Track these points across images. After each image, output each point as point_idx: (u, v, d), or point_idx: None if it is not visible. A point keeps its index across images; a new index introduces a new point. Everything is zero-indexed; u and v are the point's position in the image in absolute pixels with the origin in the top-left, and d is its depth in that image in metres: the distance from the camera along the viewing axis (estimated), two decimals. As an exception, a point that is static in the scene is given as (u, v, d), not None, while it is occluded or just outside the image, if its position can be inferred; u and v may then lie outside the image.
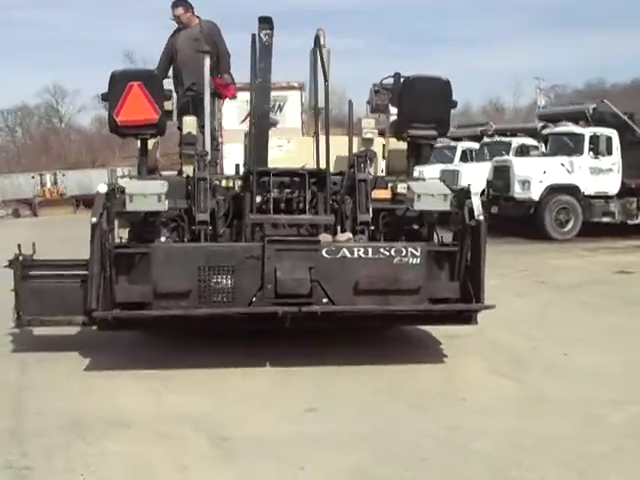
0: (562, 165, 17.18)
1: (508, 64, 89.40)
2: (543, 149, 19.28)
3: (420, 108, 7.09)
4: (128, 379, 6.16)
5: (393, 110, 7.66)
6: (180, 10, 8.11)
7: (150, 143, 7.50)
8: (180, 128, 7.61)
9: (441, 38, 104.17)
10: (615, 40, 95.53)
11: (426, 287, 6.56)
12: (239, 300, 6.34)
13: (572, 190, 17.04)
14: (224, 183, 7.03)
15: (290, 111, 20.96)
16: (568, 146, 17.61)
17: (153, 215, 6.55)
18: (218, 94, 7.90)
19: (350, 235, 6.69)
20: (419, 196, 6.60)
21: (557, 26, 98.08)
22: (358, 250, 6.47)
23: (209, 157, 6.97)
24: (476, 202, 6.54)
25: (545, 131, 18.98)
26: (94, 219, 6.15)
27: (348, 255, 6.45)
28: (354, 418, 5.36)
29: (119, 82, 6.81)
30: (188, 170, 7.26)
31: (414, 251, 6.53)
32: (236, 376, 6.28)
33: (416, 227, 7.10)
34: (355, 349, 6.96)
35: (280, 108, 20.87)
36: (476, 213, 6.50)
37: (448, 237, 7.02)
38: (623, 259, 13.30)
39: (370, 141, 7.45)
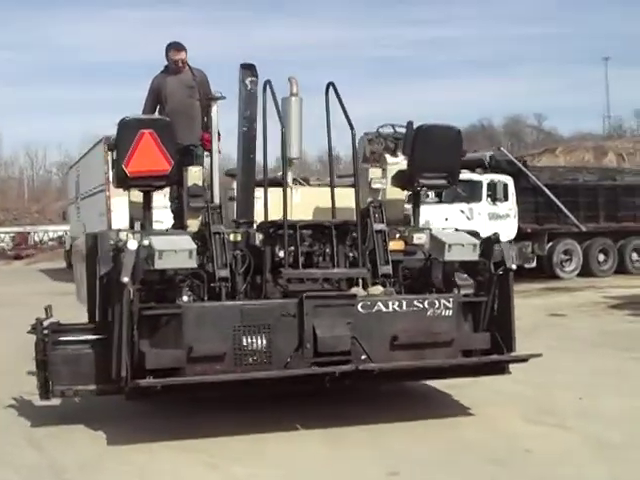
0: (462, 212, 17.59)
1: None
2: (432, 196, 19.61)
3: (433, 157, 6.98)
4: (172, 453, 5.60)
5: (391, 160, 7.53)
6: (184, 54, 7.65)
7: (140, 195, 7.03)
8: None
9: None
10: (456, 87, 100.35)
11: (458, 339, 6.40)
12: (276, 360, 5.95)
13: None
14: (232, 237, 6.64)
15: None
16: (465, 193, 17.94)
17: (175, 273, 6.08)
18: (203, 147, 7.44)
19: (382, 288, 6.45)
20: (450, 246, 6.47)
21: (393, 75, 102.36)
22: (393, 303, 6.25)
23: (222, 210, 6.55)
24: (506, 251, 6.48)
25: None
26: (125, 279, 5.62)
27: (383, 309, 6.22)
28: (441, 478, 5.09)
29: (129, 130, 6.33)
30: (193, 224, 6.83)
31: (446, 303, 6.37)
32: (281, 441, 5.84)
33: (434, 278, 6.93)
34: (373, 405, 6.68)
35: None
36: (507, 262, 6.44)
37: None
38: (545, 302, 13.66)
39: (377, 192, 7.25)
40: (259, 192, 8.05)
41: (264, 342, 5.93)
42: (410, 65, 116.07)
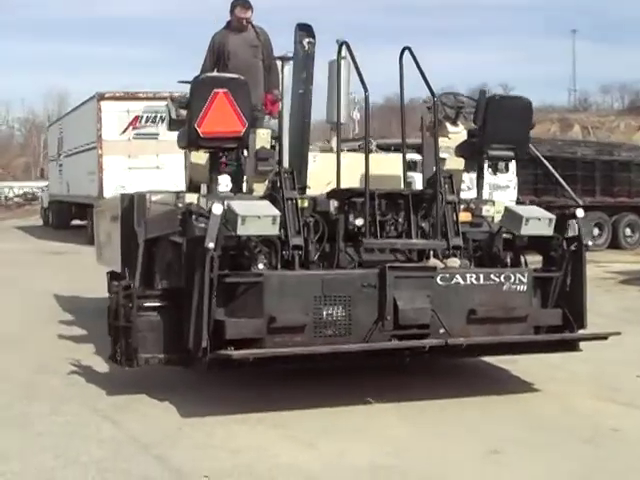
0: (462, 181, 17.43)
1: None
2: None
3: (503, 128, 6.81)
4: (251, 426, 5.39)
5: (452, 129, 7.34)
6: (250, 13, 7.33)
7: (204, 156, 6.76)
8: None
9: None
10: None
11: (532, 314, 6.28)
12: (355, 332, 5.78)
13: (474, 205, 17.38)
14: (299, 203, 6.41)
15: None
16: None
17: (248, 239, 5.85)
18: (264, 110, 7.16)
19: (458, 261, 6.29)
20: (527, 220, 6.31)
21: (362, 42, 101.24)
22: (470, 276, 6.09)
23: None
24: (582, 226, 6.35)
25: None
26: (211, 244, 5.37)
27: (461, 282, 6.06)
28: (543, 460, 4.96)
29: (203, 89, 6.06)
30: (259, 188, 6.59)
31: (521, 277, 6.24)
32: (357, 415, 5.68)
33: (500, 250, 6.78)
34: (436, 379, 6.54)
35: (162, 119, 19.92)
36: (583, 238, 6.32)
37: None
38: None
39: (443, 161, 7.05)
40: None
41: (344, 313, 5.74)
42: (377, 32, 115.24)
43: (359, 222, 6.18)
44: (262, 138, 6.57)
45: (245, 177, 6.94)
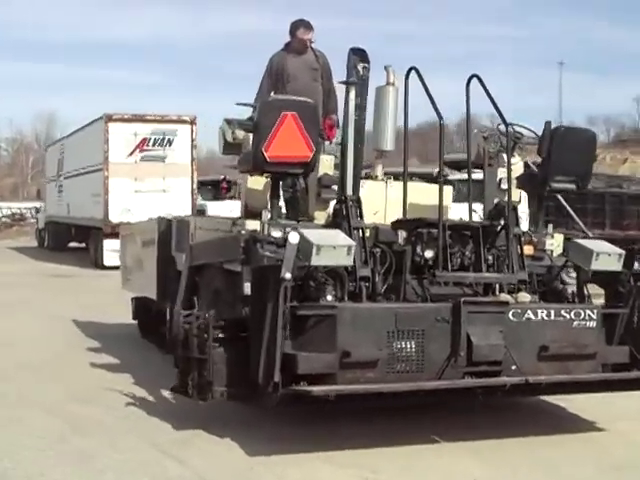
0: (474, 212, 17.33)
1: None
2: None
3: (568, 161, 6.66)
4: (325, 466, 5.16)
5: (512, 160, 7.17)
6: (313, 34, 7.15)
7: (262, 182, 6.56)
8: None
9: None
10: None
11: (601, 351, 6.09)
12: (428, 369, 5.55)
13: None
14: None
15: (180, 146, 20.05)
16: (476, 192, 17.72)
17: (315, 269, 5.62)
18: (322, 135, 6.96)
19: (528, 296, 6.09)
20: (598, 255, 6.13)
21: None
22: (542, 312, 5.90)
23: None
24: (648, 263, 6.20)
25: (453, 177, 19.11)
26: (288, 275, 5.14)
27: (532, 318, 5.86)
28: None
29: (271, 111, 5.88)
30: (320, 217, 6.39)
31: (591, 314, 6.04)
32: (430, 455, 5.46)
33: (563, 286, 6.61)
34: (497, 418, 6.31)
35: (169, 143, 19.90)
36: (651, 274, 6.16)
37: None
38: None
39: (504, 192, 6.88)
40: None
41: (416, 348, 5.52)
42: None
43: (429, 254, 5.98)
44: (325, 164, 6.39)
45: (304, 204, 6.74)
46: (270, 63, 7.22)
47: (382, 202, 7.27)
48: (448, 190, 7.80)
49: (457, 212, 14.26)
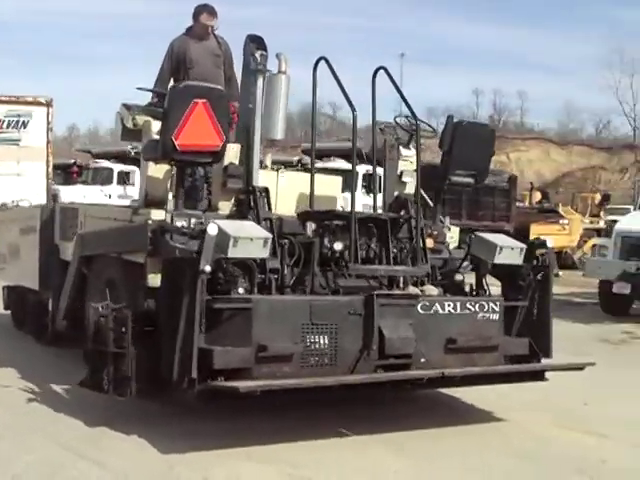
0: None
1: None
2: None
3: (468, 155, 6.78)
4: (245, 462, 5.03)
5: (405, 152, 7.23)
6: (216, 21, 6.89)
7: (163, 169, 6.34)
8: None
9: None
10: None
11: (503, 343, 6.24)
12: (341, 362, 5.53)
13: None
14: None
15: (35, 129, 19.15)
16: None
17: (226, 261, 5.47)
18: (230, 124, 6.75)
19: (435, 289, 6.16)
20: (501, 249, 6.27)
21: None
22: (448, 305, 5.98)
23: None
24: (551, 256, 6.40)
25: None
26: (208, 267, 4.98)
27: (440, 310, 5.94)
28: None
29: (182, 98, 5.65)
30: (224, 207, 6.23)
31: (494, 306, 6.20)
32: (344, 449, 5.42)
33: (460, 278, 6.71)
34: (396, 410, 6.36)
35: (24, 125, 18.98)
36: (551, 267, 6.36)
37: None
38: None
39: (405, 185, 6.92)
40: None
41: (330, 342, 5.48)
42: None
43: (338, 246, 5.93)
44: (230, 153, 6.21)
45: (201, 194, 6.55)
46: (171, 47, 6.95)
47: (273, 192, 7.17)
48: (338, 181, 7.78)
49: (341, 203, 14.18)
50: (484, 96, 67.16)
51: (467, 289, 6.64)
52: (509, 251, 6.31)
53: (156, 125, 6.28)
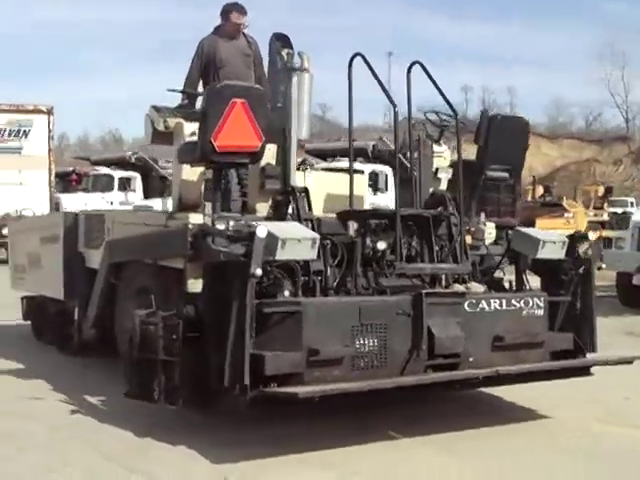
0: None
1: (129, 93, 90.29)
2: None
3: (503, 149, 6.67)
4: (312, 471, 4.91)
5: (437, 148, 7.13)
6: (247, 19, 6.76)
7: (197, 173, 6.21)
8: None
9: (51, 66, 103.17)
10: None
11: (548, 339, 6.13)
12: (391, 363, 5.41)
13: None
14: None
15: (37, 137, 19.12)
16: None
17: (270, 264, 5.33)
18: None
19: (480, 286, 6.04)
20: (544, 243, 6.17)
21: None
22: (494, 302, 5.87)
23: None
24: (590, 250, 6.30)
25: (319, 166, 19.08)
26: (259, 271, 4.85)
27: (486, 308, 5.83)
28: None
29: (220, 98, 5.52)
30: (262, 209, 6.10)
31: (539, 302, 6.08)
32: (393, 450, 5.30)
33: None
34: (442, 410, 6.24)
35: (25, 134, 18.92)
36: (593, 260, 6.26)
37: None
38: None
39: (439, 181, 6.81)
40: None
41: (379, 343, 5.36)
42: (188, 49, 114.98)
43: (382, 246, 5.81)
44: (267, 154, 6.07)
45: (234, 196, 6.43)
46: (200, 47, 6.80)
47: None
48: (364, 180, 7.68)
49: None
50: (473, 93, 67.40)
51: (506, 285, 6.56)
52: (552, 245, 6.21)
53: (189, 127, 6.16)
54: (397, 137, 5.93)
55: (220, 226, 5.47)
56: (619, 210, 27.96)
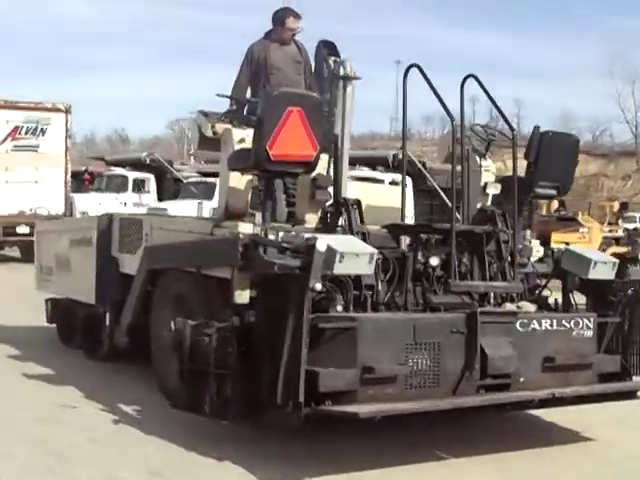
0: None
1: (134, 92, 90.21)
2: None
3: (553, 166, 6.55)
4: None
5: (484, 163, 7.01)
6: (301, 24, 6.63)
7: (244, 181, 6.09)
8: None
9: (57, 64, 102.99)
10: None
11: (596, 361, 6.01)
12: (444, 383, 5.29)
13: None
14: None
15: (54, 135, 19.01)
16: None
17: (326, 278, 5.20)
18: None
19: (533, 306, 5.93)
20: (596, 264, 6.05)
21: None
22: (545, 322, 5.75)
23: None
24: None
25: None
26: (318, 285, 4.73)
27: (537, 328, 5.71)
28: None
29: (276, 105, 5.41)
30: (311, 220, 5.98)
31: (588, 322, 5.96)
32: (445, 471, 5.21)
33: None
34: (490, 430, 6.12)
35: (43, 132, 18.82)
36: (640, 282, 6.16)
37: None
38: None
39: (487, 197, 6.69)
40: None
41: (432, 362, 5.24)
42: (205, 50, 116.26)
43: (435, 261, 5.70)
44: (320, 164, 5.95)
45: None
46: (250, 52, 6.65)
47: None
48: (398, 191, 7.56)
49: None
50: (480, 104, 67.28)
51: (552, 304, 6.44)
52: (603, 266, 6.09)
53: (237, 133, 6.05)
54: (454, 151, 5.79)
55: (272, 237, 5.36)
56: (630, 226, 27.88)
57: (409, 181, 18.40)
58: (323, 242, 4.80)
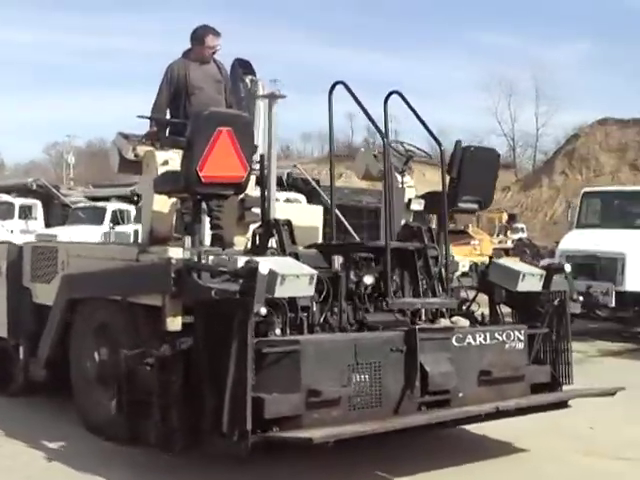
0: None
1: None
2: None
3: (475, 180, 6.61)
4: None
5: (406, 179, 7.03)
6: (221, 42, 6.43)
7: (168, 204, 5.91)
8: None
9: None
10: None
11: (528, 373, 6.08)
12: (386, 402, 5.24)
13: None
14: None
15: None
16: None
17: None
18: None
19: (467, 321, 5.94)
20: (524, 276, 6.12)
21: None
22: (479, 336, 5.78)
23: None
24: (569, 281, 6.30)
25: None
26: (263, 309, 4.60)
27: (472, 342, 5.73)
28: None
29: (207, 125, 5.25)
30: (240, 243, 5.84)
31: (519, 335, 6.03)
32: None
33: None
34: (419, 447, 6.11)
35: None
36: (570, 292, 6.27)
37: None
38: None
39: (411, 213, 6.69)
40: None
41: (373, 381, 5.18)
42: (77, 73, 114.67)
43: (369, 280, 5.65)
44: (250, 185, 5.83)
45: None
46: (169, 71, 6.42)
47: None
48: (319, 210, 7.55)
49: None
50: (357, 121, 68.02)
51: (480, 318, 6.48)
52: (531, 277, 6.17)
53: (160, 155, 5.86)
54: (387, 168, 5.75)
55: (203, 261, 5.20)
56: (516, 236, 28.70)
57: (303, 199, 18.50)
58: (265, 265, 4.68)
